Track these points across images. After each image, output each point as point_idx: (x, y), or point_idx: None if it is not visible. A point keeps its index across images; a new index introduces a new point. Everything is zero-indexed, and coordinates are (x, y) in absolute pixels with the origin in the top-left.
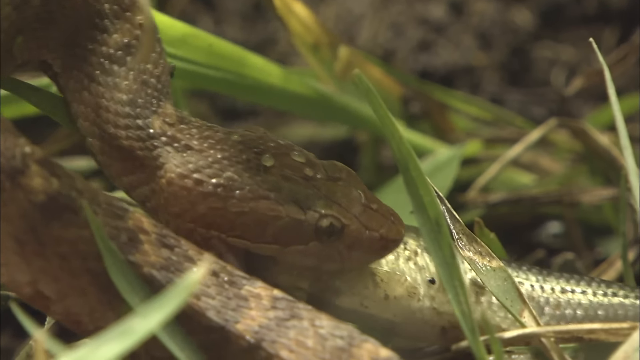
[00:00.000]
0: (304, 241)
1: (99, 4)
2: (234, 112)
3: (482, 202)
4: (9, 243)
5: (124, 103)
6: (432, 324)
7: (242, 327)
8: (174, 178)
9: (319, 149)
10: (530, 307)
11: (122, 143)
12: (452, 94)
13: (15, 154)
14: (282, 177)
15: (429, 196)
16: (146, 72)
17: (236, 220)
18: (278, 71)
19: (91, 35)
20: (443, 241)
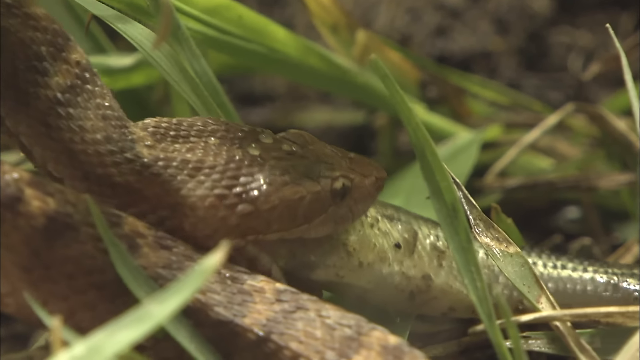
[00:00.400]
0: (324, 209)
1: (35, 46)
2: (251, 98)
3: (500, 187)
4: (15, 272)
5: (102, 142)
6: (402, 289)
7: (250, 320)
8: (196, 202)
9: (335, 134)
10: (547, 292)
11: (116, 180)
12: (470, 78)
13: (8, 182)
14: (275, 160)
15: (446, 182)
16: (101, 107)
17: (270, 217)
18: (304, 46)
19: (32, 79)
20: (459, 227)
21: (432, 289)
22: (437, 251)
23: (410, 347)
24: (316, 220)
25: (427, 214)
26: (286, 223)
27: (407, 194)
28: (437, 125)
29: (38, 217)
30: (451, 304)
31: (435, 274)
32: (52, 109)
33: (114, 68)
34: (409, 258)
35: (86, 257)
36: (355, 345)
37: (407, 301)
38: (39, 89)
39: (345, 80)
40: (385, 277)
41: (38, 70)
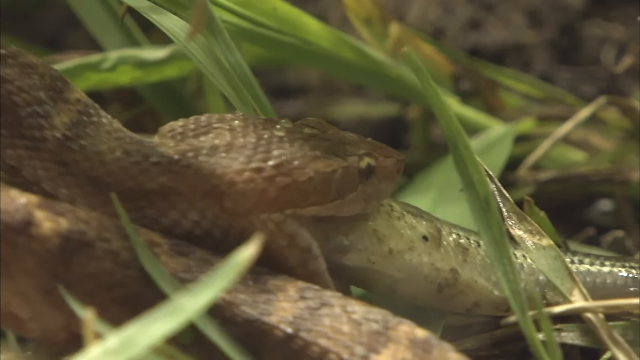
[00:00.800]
0: (354, 187)
1: (34, 92)
2: (285, 90)
3: (533, 180)
4: (36, 296)
5: (123, 158)
6: (431, 280)
7: (277, 318)
8: (234, 177)
9: (369, 127)
10: (580, 285)
11: (149, 188)
12: (503, 71)
13: (17, 207)
14: (302, 140)
15: (479, 174)
16: (112, 132)
17: (307, 188)
18: (338, 38)
19: (36, 124)
20: (492, 220)
21: (459, 283)
22: (461, 248)
23: (438, 340)
24: (348, 196)
25: (460, 207)
26: (321, 196)
27: (440, 186)
28: (470, 118)
29: (52, 238)
30: (476, 299)
31: (461, 268)
32: (64, 147)
33: (147, 61)
34: (437, 251)
35: (105, 273)
36: (384, 339)
37: (436, 294)
38: (46, 132)
39: (378, 72)
40: (415, 266)
41: (40, 114)
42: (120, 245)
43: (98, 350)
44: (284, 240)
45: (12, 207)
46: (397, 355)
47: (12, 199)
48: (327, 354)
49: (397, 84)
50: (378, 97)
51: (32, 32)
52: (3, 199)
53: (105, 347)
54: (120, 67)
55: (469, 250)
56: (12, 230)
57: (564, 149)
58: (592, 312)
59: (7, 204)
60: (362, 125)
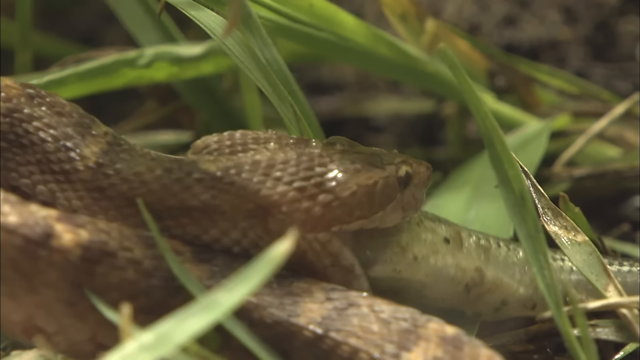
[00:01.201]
0: (393, 197)
1: (63, 128)
2: (320, 86)
3: (568, 176)
4: (61, 308)
5: (163, 176)
6: (458, 281)
7: (305, 319)
8: (279, 199)
9: (404, 123)
10: (615, 281)
11: (191, 205)
12: (538, 67)
13: (36, 220)
14: (339, 154)
15: (514, 170)
16: (146, 155)
17: (351, 204)
18: (374, 34)
19: (66, 157)
20: (527, 215)
21: (485, 282)
22: (482, 248)
23: (468, 337)
24: (389, 206)
25: (495, 203)
26: (366, 210)
27: (476, 183)
28: (506, 114)
29: (73, 249)
30: (504, 297)
31: (486, 267)
32: (98, 173)
33: (184, 57)
34: (460, 251)
35: (128, 282)
36: (414, 337)
37: (463, 294)
38: (77, 163)
39: (414, 68)
40: (441, 269)
41: (69, 147)
42: (142, 254)
43: (134, 345)
44: (328, 260)
45: (31, 221)
46: (429, 352)
47: (31, 212)
48: (357, 353)
49: (433, 80)
50: (413, 93)
51: (68, 29)
52: (22, 213)
53: (140, 343)
54: (157, 64)
55: (490, 249)
56: (32, 243)
57: (599, 145)
58: (627, 307)
59: (26, 218)
60: (397, 122)
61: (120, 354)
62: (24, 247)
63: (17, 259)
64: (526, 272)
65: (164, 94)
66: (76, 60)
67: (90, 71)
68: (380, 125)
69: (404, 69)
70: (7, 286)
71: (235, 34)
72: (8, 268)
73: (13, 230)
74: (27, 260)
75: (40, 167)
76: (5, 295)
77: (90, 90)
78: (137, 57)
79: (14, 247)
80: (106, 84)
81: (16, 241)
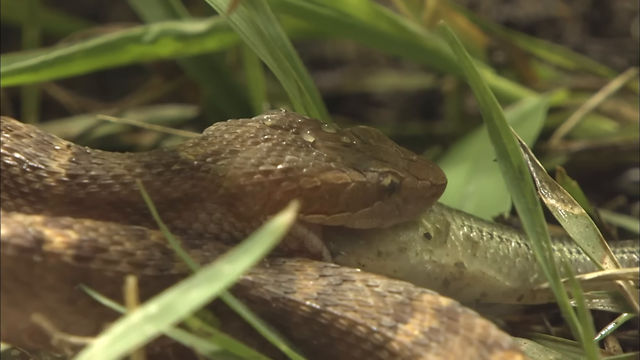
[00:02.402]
0: (369, 202)
1: (24, 147)
2: (322, 62)
3: (564, 150)
4: (63, 308)
5: (144, 173)
6: (435, 277)
7: (302, 295)
8: (244, 180)
9: (404, 99)
10: (611, 252)
11: (173, 197)
12: (536, 43)
13: (25, 228)
14: (328, 149)
15: (512, 144)
16: (120, 157)
17: (312, 196)
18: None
19: (34, 176)
20: (526, 189)
21: (464, 276)
22: (471, 242)
23: (463, 307)
24: (360, 210)
25: (494, 177)
26: (327, 206)
27: (475, 157)
28: (504, 89)
29: (65, 251)
30: (483, 289)
31: (469, 262)
32: (72, 185)
33: (188, 34)
34: (441, 247)
35: (123, 275)
36: (409, 309)
37: (442, 288)
38: (47, 180)
39: (414, 44)
40: (415, 266)
41: (35, 166)
42: (133, 246)
43: (139, 315)
44: (294, 244)
45: (21, 230)
46: (424, 324)
47: (18, 222)
48: (355, 326)
49: (433, 55)
50: (413, 69)
51: (75, 6)
52: (11, 223)
53: (146, 313)
54: (162, 40)
55: (479, 244)
56: (26, 251)
57: (596, 119)
58: (623, 279)
59: (15, 228)
60: (397, 97)
61: (126, 324)
62: (19, 257)
63: (14, 268)
64: (516, 265)
65: (169, 70)
66: (83, 36)
67: (96, 47)
68: (381, 100)
69: (405, 44)
70: (9, 296)
71: (240, 10)
72: (7, 279)
73: (5, 243)
74: (24, 268)
75: (9, 193)
76: (9, 305)
77: (97, 66)
78: (143, 33)
79: (9, 258)
80: (112, 60)
81: (10, 252)
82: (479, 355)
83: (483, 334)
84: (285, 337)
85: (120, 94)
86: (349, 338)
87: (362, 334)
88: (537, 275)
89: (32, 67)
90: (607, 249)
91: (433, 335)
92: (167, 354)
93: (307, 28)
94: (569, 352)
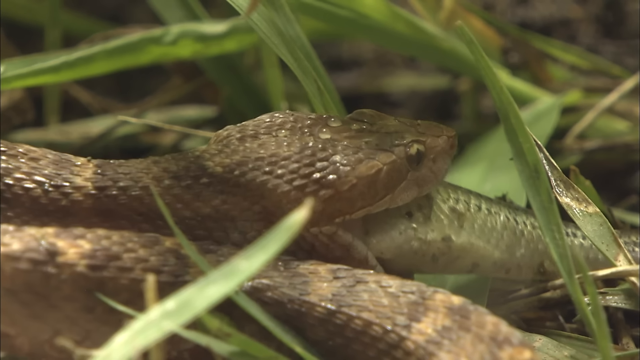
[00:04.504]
0: (404, 177)
1: (42, 171)
2: (339, 63)
3: (578, 149)
4: (82, 316)
5: (174, 185)
6: (422, 254)
7: (316, 296)
8: (281, 200)
9: (420, 99)
10: (625, 250)
11: (204, 212)
12: (551, 43)
13: (38, 242)
14: (348, 139)
15: (528, 143)
16: (143, 162)
17: (352, 196)
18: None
19: (57, 195)
20: (541, 187)
21: (453, 249)
22: (457, 213)
23: (474, 305)
24: (398, 188)
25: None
26: (369, 199)
27: (491, 156)
28: (519, 89)
29: (79, 261)
30: (474, 260)
31: (456, 234)
32: (101, 197)
33: (208, 35)
34: (425, 224)
35: (138, 281)
36: (422, 309)
37: (431, 264)
38: (73, 195)
39: (431, 45)
40: (401, 245)
41: (59, 185)
42: (147, 252)
43: (157, 312)
44: (340, 252)
45: (34, 244)
46: (437, 322)
47: (31, 236)
48: (370, 326)
49: (449, 56)
50: (429, 69)
51: (96, 8)
52: (23, 238)
53: (164, 309)
54: (182, 41)
55: (466, 215)
56: (40, 264)
57: (609, 119)
58: (636, 275)
59: (28, 242)
60: (413, 97)
61: (144, 320)
62: (34, 270)
63: (30, 282)
64: (503, 237)
65: (189, 71)
66: (104, 37)
67: (117, 48)
68: (397, 100)
69: (421, 45)
70: (29, 309)
71: (261, 10)
72: (25, 292)
73: (19, 257)
74: (40, 281)
75: (34, 214)
76: (30, 317)
77: (118, 66)
78: (163, 34)
79: (25, 272)
80: (133, 61)
81: (25, 266)
82: (489, 351)
83: (494, 330)
84: (301, 338)
85: (141, 94)
86: (364, 338)
87: (378, 334)
88: (523, 250)
89: (53, 67)
90: (620, 247)
91: (446, 333)
92: (184, 358)
93: (324, 29)
94: (583, 348)
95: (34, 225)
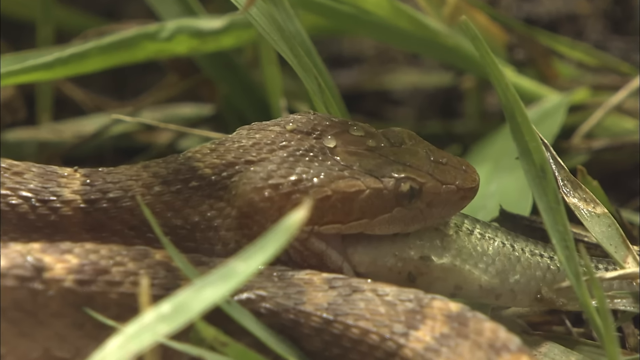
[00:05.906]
0: (388, 209)
1: (29, 185)
2: (340, 60)
3: (586, 148)
4: (71, 332)
5: (162, 192)
6: (398, 271)
7: (312, 306)
8: (254, 196)
9: (422, 97)
10: (634, 252)
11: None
12: (557, 39)
13: (24, 259)
14: (347, 154)
15: (535, 142)
16: (133, 167)
17: (324, 206)
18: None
19: (46, 210)
20: (548, 187)
21: (432, 270)
22: (441, 234)
23: (473, 312)
24: (379, 217)
25: (516, 175)
26: (341, 215)
27: (496, 156)
28: (525, 87)
29: (67, 276)
30: (457, 282)
31: (438, 255)
32: (89, 212)
33: (204, 31)
34: (402, 241)
35: (127, 295)
36: (420, 317)
37: (408, 282)
38: (62, 210)
39: (434, 42)
40: (375, 259)
41: (46, 199)
42: (136, 266)
43: (152, 315)
44: (314, 260)
45: (20, 260)
46: (435, 330)
47: (17, 252)
48: (367, 334)
49: (453, 53)
50: (432, 67)
51: (90, 3)
52: (9, 254)
53: (159, 313)
54: (177, 37)
55: (451, 236)
56: (27, 281)
57: (617, 117)
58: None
59: (14, 258)
60: (416, 95)
61: (139, 324)
62: (20, 287)
63: (17, 299)
64: (495, 262)
65: (185, 67)
66: (97, 33)
67: (111, 44)
68: (400, 98)
69: (424, 42)
70: (17, 327)
71: (260, 5)
72: (12, 310)
73: (5, 274)
74: (27, 297)
75: (21, 231)
76: (19, 335)
77: (112, 63)
78: (158, 30)
79: (11, 289)
80: (127, 57)
81: (11, 283)
82: (487, 358)
83: (492, 337)
84: (297, 349)
85: (136, 91)
86: (361, 347)
87: (375, 342)
88: (518, 277)
89: (46, 64)
90: (629, 249)
91: (444, 340)
92: None
93: (325, 25)
94: (591, 352)
95: (22, 242)
